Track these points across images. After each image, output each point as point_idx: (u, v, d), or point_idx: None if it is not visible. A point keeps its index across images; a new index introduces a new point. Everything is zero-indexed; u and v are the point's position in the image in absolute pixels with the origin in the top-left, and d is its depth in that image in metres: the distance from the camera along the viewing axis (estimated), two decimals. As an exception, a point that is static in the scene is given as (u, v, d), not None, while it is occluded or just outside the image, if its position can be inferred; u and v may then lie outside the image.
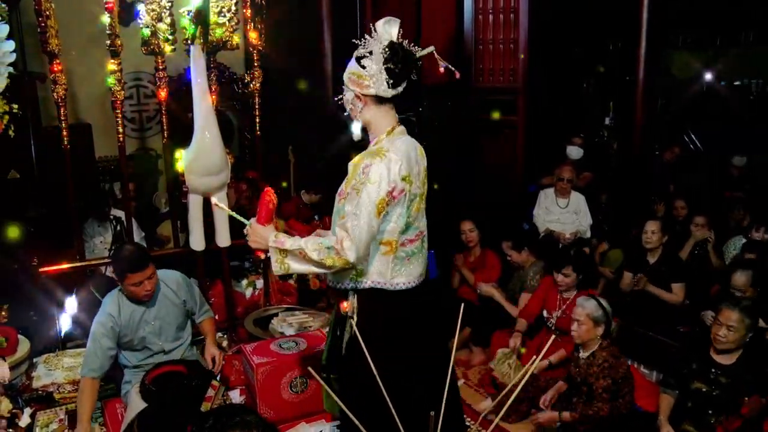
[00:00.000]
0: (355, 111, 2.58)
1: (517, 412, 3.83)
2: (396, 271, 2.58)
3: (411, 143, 2.61)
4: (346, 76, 2.57)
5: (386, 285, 2.57)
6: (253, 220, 2.57)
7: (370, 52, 2.47)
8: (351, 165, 2.52)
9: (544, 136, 6.39)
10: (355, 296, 2.57)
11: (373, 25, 2.51)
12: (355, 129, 2.63)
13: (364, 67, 2.49)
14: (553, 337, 3.94)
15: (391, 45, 2.46)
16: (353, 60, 2.53)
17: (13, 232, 4.24)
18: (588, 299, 3.58)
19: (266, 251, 2.53)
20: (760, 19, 8.16)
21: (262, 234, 2.51)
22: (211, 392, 3.50)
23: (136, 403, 3.26)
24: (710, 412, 3.21)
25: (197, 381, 3.36)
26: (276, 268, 2.48)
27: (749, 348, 3.25)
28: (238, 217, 2.61)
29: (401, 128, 2.60)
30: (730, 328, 3.18)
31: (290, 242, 2.46)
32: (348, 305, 2.57)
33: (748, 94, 9.03)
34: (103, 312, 3.36)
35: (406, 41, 2.50)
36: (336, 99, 2.64)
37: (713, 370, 3.26)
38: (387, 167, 2.42)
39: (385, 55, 2.44)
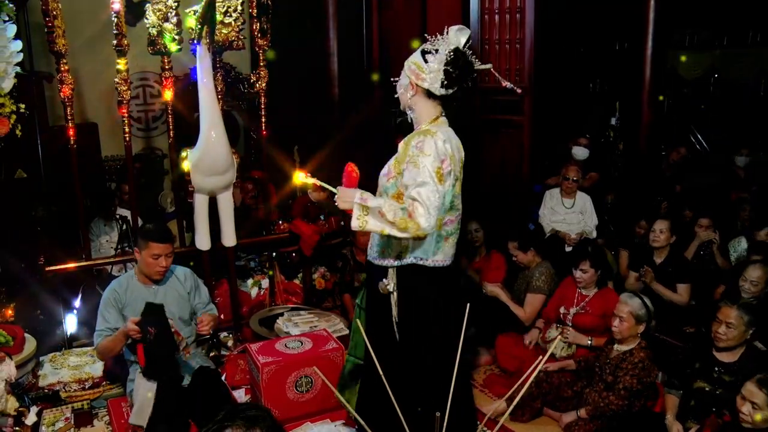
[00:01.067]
0: (405, 97, 2.78)
1: (531, 408, 3.82)
2: (437, 249, 2.77)
3: (452, 132, 2.80)
4: (407, 64, 2.75)
5: (427, 262, 2.77)
6: (340, 187, 2.74)
7: (436, 50, 2.65)
8: (402, 144, 2.72)
9: (549, 137, 6.38)
10: (395, 273, 2.76)
11: (447, 29, 2.68)
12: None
13: (426, 62, 2.67)
14: (558, 336, 4.00)
15: (456, 50, 2.65)
16: (418, 52, 2.72)
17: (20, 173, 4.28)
18: (632, 296, 3.61)
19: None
20: (766, 20, 8.13)
21: (350, 193, 2.65)
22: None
23: (143, 387, 3.27)
24: (714, 410, 3.21)
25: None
26: (355, 224, 2.61)
27: (751, 345, 3.26)
28: (327, 186, 2.76)
29: (444, 119, 2.80)
30: (729, 326, 3.20)
31: (372, 201, 2.61)
32: (385, 285, 2.77)
33: (755, 94, 9.00)
34: (110, 288, 3.50)
35: (471, 53, 2.68)
36: (392, 80, 2.82)
37: (716, 369, 3.27)
38: (436, 143, 2.63)
39: (449, 58, 2.63)
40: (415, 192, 2.55)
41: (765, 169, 6.98)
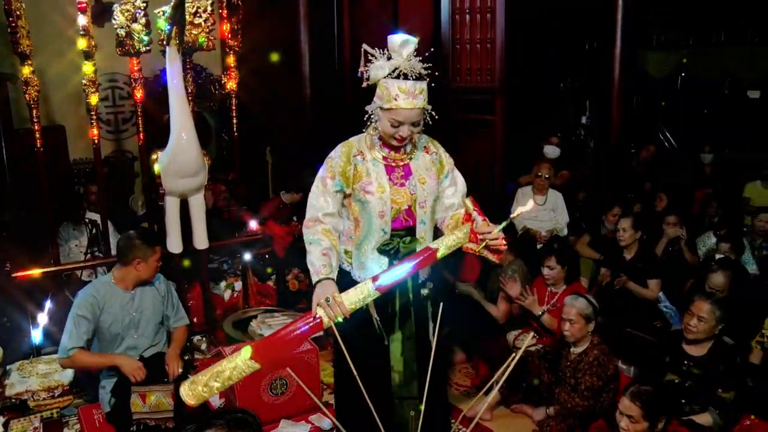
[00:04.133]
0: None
1: (519, 389, 3.82)
2: None
3: None
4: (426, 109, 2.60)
5: None
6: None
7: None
8: (433, 147, 2.77)
9: (521, 136, 6.43)
10: None
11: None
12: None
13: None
14: (532, 334, 4.03)
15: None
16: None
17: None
18: (576, 298, 3.64)
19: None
20: (731, 20, 8.31)
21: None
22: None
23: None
24: (683, 402, 3.29)
25: None
26: None
27: (720, 340, 3.33)
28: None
29: None
30: (701, 319, 3.26)
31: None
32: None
33: (720, 93, 9.19)
34: (85, 291, 3.42)
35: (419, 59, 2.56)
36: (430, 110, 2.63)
37: (685, 362, 3.34)
38: None
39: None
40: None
41: (730, 166, 7.14)
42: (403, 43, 2.48)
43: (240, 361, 2.26)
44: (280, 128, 6.70)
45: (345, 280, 2.60)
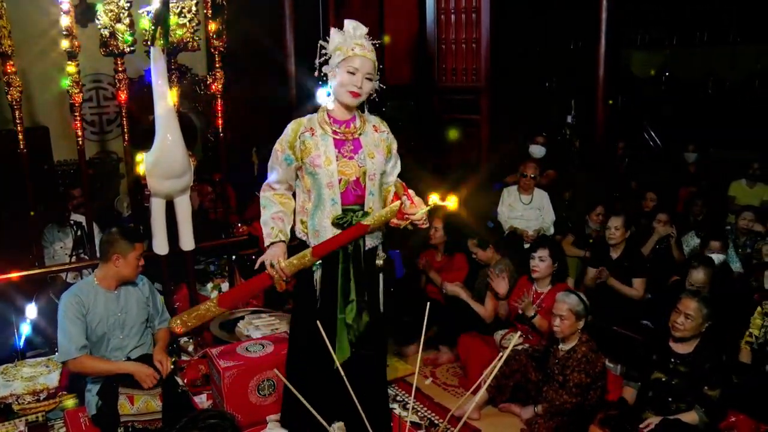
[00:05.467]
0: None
1: (506, 389, 3.84)
2: None
3: None
4: (374, 60, 2.86)
5: None
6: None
7: None
8: (383, 127, 3.04)
9: (507, 135, 6.45)
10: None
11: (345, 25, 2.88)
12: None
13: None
14: (519, 333, 4.05)
15: None
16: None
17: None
18: (568, 294, 3.66)
19: None
20: (714, 20, 8.38)
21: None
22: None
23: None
24: (670, 399, 3.32)
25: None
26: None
27: (706, 338, 3.35)
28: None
29: None
30: (688, 317, 3.29)
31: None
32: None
33: (703, 92, 9.26)
34: (69, 293, 3.39)
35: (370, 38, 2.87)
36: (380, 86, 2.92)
37: (672, 360, 3.36)
38: None
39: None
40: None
41: (715, 165, 7.20)
42: (356, 26, 2.85)
43: (211, 305, 3.01)
44: (266, 128, 6.67)
45: (302, 249, 2.95)
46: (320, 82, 2.94)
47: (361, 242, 2.93)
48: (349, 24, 2.86)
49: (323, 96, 2.95)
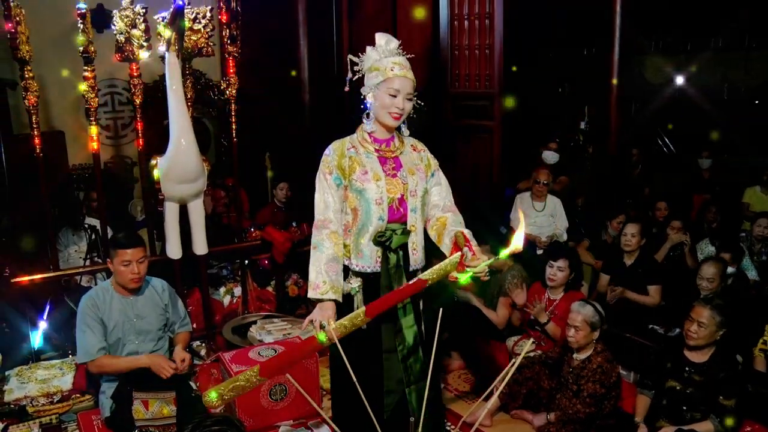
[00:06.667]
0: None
1: (519, 396, 3.82)
2: None
3: None
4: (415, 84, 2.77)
5: None
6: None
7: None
8: (420, 146, 2.91)
9: (520, 141, 6.44)
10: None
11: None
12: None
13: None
14: (531, 340, 4.03)
15: None
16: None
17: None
18: (584, 305, 3.62)
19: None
20: (729, 25, 8.32)
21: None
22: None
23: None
24: (684, 408, 3.28)
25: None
26: None
27: (721, 346, 3.32)
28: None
29: None
30: (701, 325, 3.26)
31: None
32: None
33: (719, 98, 9.18)
34: (86, 296, 3.39)
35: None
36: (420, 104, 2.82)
37: (687, 369, 3.33)
38: None
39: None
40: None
41: (729, 171, 7.14)
42: (388, 40, 2.76)
43: (251, 374, 2.44)
44: (279, 134, 6.71)
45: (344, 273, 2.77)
46: (347, 94, 2.90)
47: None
48: (381, 38, 2.76)
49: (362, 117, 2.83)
